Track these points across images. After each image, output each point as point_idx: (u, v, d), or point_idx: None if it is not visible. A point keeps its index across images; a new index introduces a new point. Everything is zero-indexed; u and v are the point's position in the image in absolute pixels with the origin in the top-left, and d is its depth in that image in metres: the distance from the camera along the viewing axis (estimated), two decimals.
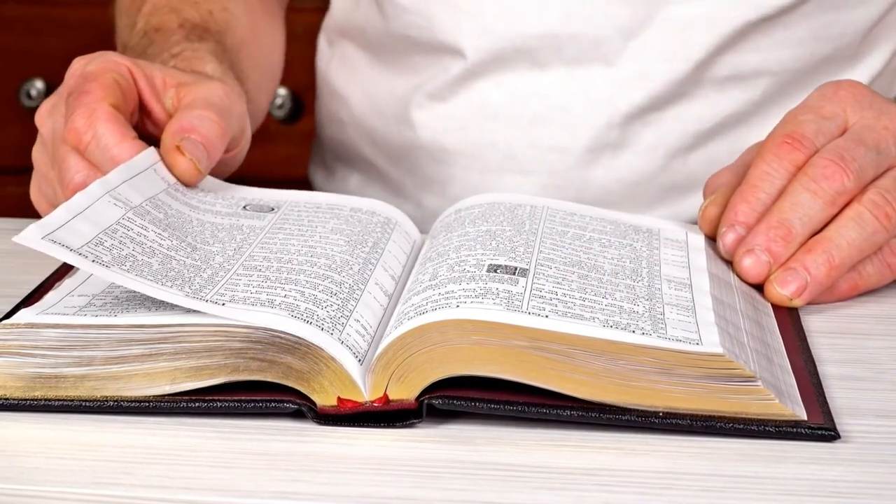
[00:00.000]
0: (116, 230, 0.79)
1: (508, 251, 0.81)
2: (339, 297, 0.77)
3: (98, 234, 0.78)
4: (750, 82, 1.11)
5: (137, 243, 0.79)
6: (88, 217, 0.79)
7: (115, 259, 0.76)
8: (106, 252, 0.76)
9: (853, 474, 0.68)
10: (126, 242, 0.78)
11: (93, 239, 0.77)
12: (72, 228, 0.77)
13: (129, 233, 0.80)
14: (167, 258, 0.78)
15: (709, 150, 1.12)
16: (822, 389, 0.75)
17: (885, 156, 0.88)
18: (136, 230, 0.80)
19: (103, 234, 0.78)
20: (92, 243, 0.77)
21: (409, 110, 1.16)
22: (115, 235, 0.78)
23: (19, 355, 0.74)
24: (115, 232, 0.79)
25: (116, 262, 0.76)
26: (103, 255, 0.76)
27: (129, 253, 0.77)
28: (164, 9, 1.09)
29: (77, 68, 0.93)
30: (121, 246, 0.78)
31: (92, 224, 0.78)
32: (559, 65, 1.11)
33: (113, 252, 0.77)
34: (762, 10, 1.08)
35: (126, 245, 0.78)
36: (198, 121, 0.90)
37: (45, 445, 0.71)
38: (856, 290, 0.88)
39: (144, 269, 0.76)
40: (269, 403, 0.72)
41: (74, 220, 0.78)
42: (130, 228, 0.80)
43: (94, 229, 0.78)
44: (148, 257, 0.78)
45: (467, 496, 0.66)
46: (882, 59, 1.14)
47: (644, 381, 0.72)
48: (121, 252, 0.77)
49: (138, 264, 0.77)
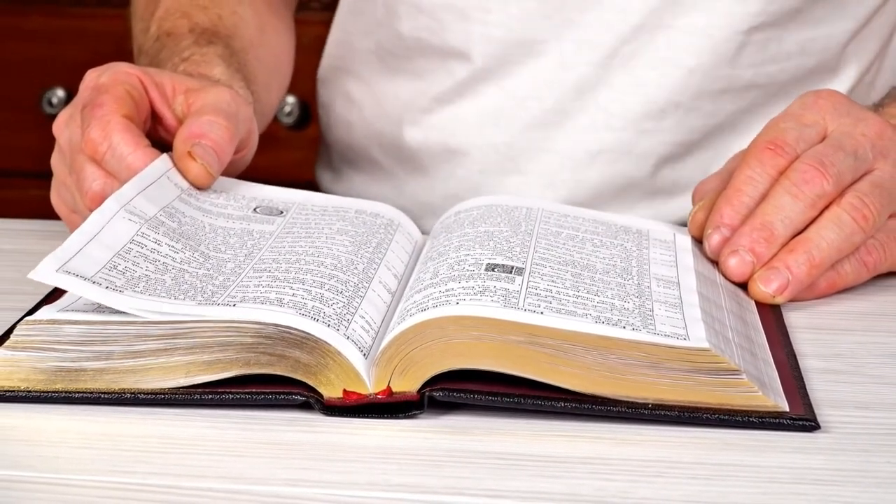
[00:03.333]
0: (130, 250, 0.79)
1: (505, 251, 0.81)
2: (345, 295, 0.77)
3: (112, 258, 0.77)
4: (740, 94, 1.11)
5: (151, 261, 0.78)
6: (102, 240, 0.78)
7: (129, 282, 0.76)
8: (119, 276, 0.76)
9: (833, 463, 0.68)
10: (139, 262, 0.78)
11: (106, 264, 0.77)
12: (85, 255, 0.77)
13: (143, 250, 0.79)
14: (180, 272, 0.78)
15: (697, 157, 1.12)
16: (803, 382, 0.75)
17: (863, 161, 0.88)
18: (151, 245, 0.80)
19: (117, 256, 0.78)
20: (106, 268, 0.76)
21: (413, 113, 1.16)
22: (129, 256, 0.78)
23: (42, 350, 0.74)
24: (128, 252, 0.78)
25: (129, 284, 0.75)
26: (116, 279, 0.75)
27: (143, 273, 0.77)
28: (175, 13, 1.09)
29: (90, 80, 0.93)
30: (134, 267, 0.77)
31: (105, 248, 0.78)
32: (557, 70, 1.11)
33: (126, 275, 0.76)
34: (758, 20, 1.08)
35: (139, 265, 0.78)
36: (207, 126, 0.90)
37: (66, 436, 0.71)
38: (835, 287, 0.88)
39: (158, 286, 0.76)
40: (278, 395, 0.72)
41: (88, 246, 0.77)
42: (144, 245, 0.80)
43: (107, 253, 0.78)
44: (161, 274, 0.77)
45: (467, 484, 0.66)
46: (859, 70, 1.14)
47: (634, 375, 0.72)
48: (134, 274, 0.77)
49: (151, 283, 0.76)
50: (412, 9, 1.14)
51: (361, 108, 1.20)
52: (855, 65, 1.14)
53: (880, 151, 0.89)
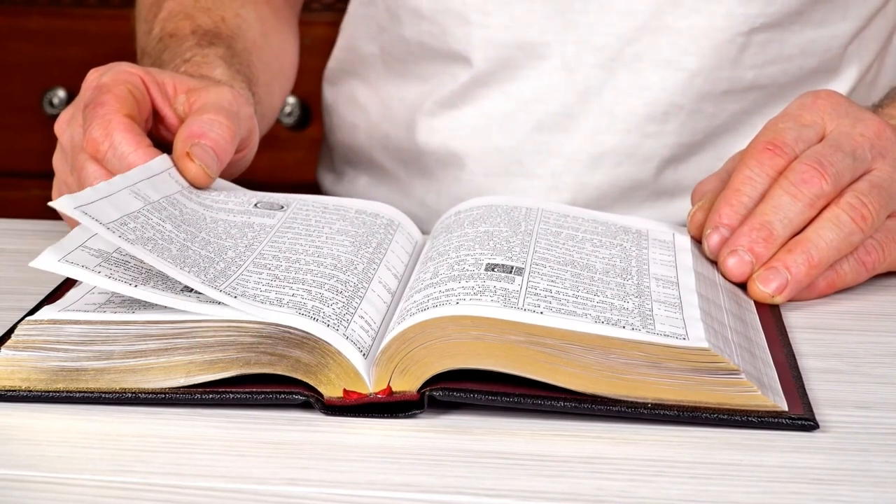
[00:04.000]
0: (138, 217, 0.79)
1: (505, 251, 0.81)
2: (345, 295, 0.77)
3: (122, 216, 0.78)
4: (742, 95, 1.11)
5: (157, 230, 0.79)
6: (112, 202, 0.79)
7: (139, 239, 0.76)
8: (130, 232, 0.76)
9: (832, 462, 0.68)
10: (147, 228, 0.78)
11: (118, 219, 0.77)
12: (99, 207, 0.77)
13: (150, 221, 0.79)
14: (184, 247, 0.78)
15: (700, 158, 1.12)
16: (802, 382, 0.75)
17: (861, 161, 0.88)
18: (155, 221, 0.80)
19: (127, 217, 0.78)
20: (117, 222, 0.77)
21: (418, 117, 1.16)
22: (138, 221, 0.78)
23: (43, 350, 0.74)
24: (136, 218, 0.79)
25: (140, 241, 0.76)
26: (128, 234, 0.76)
27: (151, 237, 0.77)
28: (178, 15, 1.09)
29: (92, 80, 0.93)
30: (143, 229, 0.78)
31: (116, 208, 0.78)
32: (562, 73, 1.11)
33: (136, 233, 0.77)
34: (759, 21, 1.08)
35: (147, 230, 0.78)
36: (207, 125, 0.90)
37: (67, 435, 0.71)
38: (833, 287, 0.88)
39: (164, 252, 0.76)
40: (279, 395, 0.72)
41: (100, 202, 0.78)
42: (150, 219, 0.80)
43: (117, 212, 0.78)
44: (167, 243, 0.78)
45: (467, 483, 0.66)
46: (859, 70, 1.14)
47: (634, 374, 0.71)
48: (143, 234, 0.77)
49: (158, 247, 0.76)
50: (414, 14, 1.14)
51: (366, 111, 1.20)
52: (856, 65, 1.14)
53: (879, 151, 0.89)
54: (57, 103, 1.73)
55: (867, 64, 1.15)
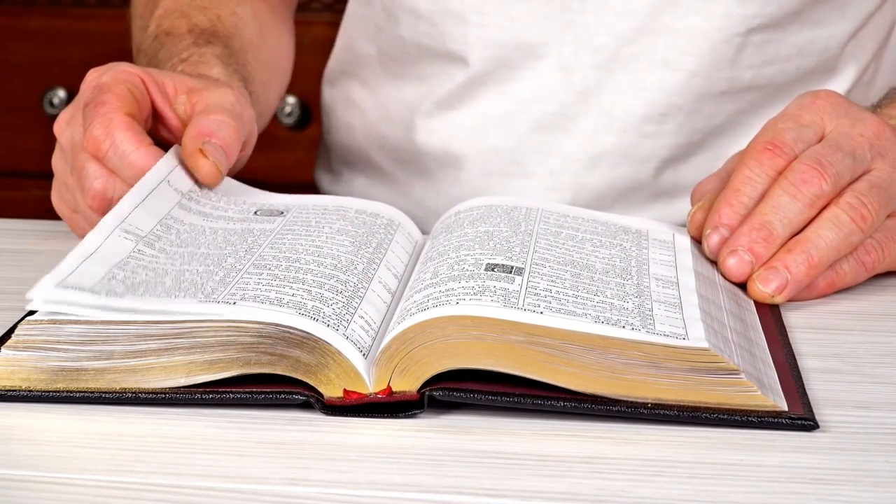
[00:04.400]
0: (128, 263, 0.78)
1: (505, 251, 0.81)
2: (345, 295, 0.77)
3: (110, 269, 0.77)
4: (740, 96, 1.11)
5: (150, 269, 0.78)
6: (98, 258, 0.78)
7: (129, 288, 0.75)
8: (119, 284, 0.76)
9: (832, 462, 0.68)
10: (138, 271, 0.78)
11: (105, 275, 0.76)
12: (83, 272, 0.76)
13: (141, 262, 0.79)
14: (180, 273, 0.78)
15: (699, 158, 1.12)
16: (801, 382, 0.75)
17: (861, 161, 0.88)
18: (147, 259, 0.79)
19: (115, 268, 0.77)
20: (105, 279, 0.76)
21: (416, 117, 1.16)
22: (128, 267, 0.78)
23: (43, 350, 0.74)
24: (126, 265, 0.78)
25: (130, 290, 0.75)
26: (116, 287, 0.75)
27: (142, 280, 0.77)
28: (174, 13, 1.09)
29: (92, 79, 0.93)
30: (133, 275, 0.77)
31: (103, 262, 0.78)
32: (560, 73, 1.11)
33: (126, 283, 0.76)
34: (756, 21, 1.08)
35: (139, 273, 0.78)
36: (216, 125, 0.90)
37: (67, 435, 0.71)
38: (833, 287, 0.88)
39: (158, 288, 0.76)
40: (279, 395, 0.72)
41: (86, 264, 0.77)
42: (141, 259, 0.79)
43: (105, 267, 0.77)
44: (161, 278, 0.77)
45: (467, 483, 0.66)
46: (857, 69, 1.14)
47: (633, 374, 0.71)
48: (133, 281, 0.76)
49: (151, 286, 0.76)
50: (411, 14, 1.14)
51: (363, 111, 1.20)
52: (854, 65, 1.14)
53: (878, 151, 0.89)
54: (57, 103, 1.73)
55: (865, 64, 1.15)
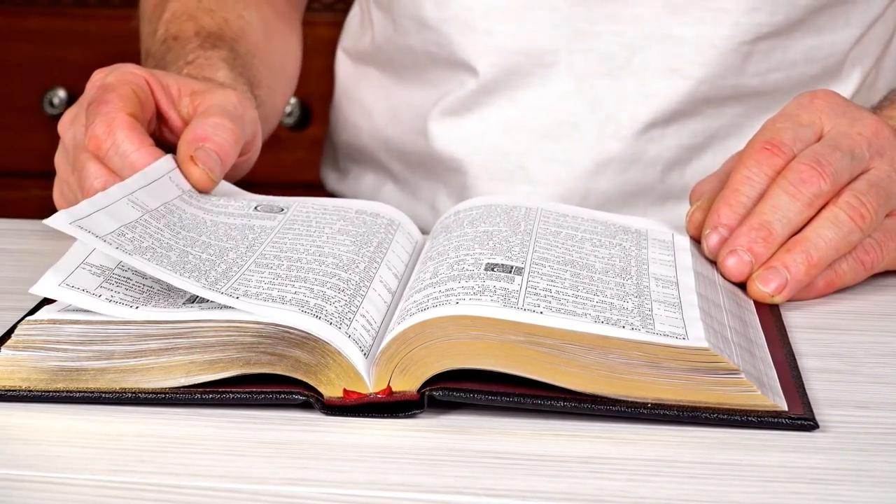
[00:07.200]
0: (136, 226, 0.79)
1: (505, 251, 0.81)
2: (347, 294, 0.77)
3: (119, 227, 0.78)
4: (745, 101, 1.11)
5: (156, 239, 0.79)
6: (109, 213, 0.79)
7: (137, 249, 0.76)
8: (128, 242, 0.76)
9: (832, 462, 0.68)
10: (145, 237, 0.78)
11: (115, 230, 0.77)
12: (95, 220, 0.77)
13: (148, 230, 0.79)
14: (184, 253, 0.78)
15: (704, 160, 1.12)
16: (801, 382, 0.75)
17: (859, 160, 0.88)
18: (153, 230, 0.80)
19: (124, 227, 0.78)
20: (115, 234, 0.76)
21: (425, 123, 1.16)
22: (135, 230, 0.78)
23: (43, 350, 0.74)
24: (134, 228, 0.79)
25: (138, 251, 0.76)
26: (126, 244, 0.76)
27: (149, 245, 0.77)
28: (182, 17, 1.09)
29: (97, 79, 0.93)
30: (141, 239, 0.77)
31: (113, 219, 0.78)
32: (568, 80, 1.11)
33: (134, 243, 0.76)
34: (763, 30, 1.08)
35: (145, 239, 0.78)
36: (212, 129, 0.90)
37: (67, 435, 0.70)
38: (832, 286, 0.88)
39: (164, 260, 0.76)
40: (279, 395, 0.72)
41: (97, 214, 0.78)
42: (147, 228, 0.80)
43: (115, 223, 0.78)
44: (166, 251, 0.78)
45: (467, 483, 0.66)
46: (861, 74, 1.15)
47: (633, 374, 0.71)
48: (141, 244, 0.77)
49: (157, 255, 0.76)
50: (418, 24, 1.13)
51: (372, 114, 1.20)
52: (858, 69, 1.14)
53: (877, 150, 0.89)
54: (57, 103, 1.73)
55: (869, 67, 1.15)
